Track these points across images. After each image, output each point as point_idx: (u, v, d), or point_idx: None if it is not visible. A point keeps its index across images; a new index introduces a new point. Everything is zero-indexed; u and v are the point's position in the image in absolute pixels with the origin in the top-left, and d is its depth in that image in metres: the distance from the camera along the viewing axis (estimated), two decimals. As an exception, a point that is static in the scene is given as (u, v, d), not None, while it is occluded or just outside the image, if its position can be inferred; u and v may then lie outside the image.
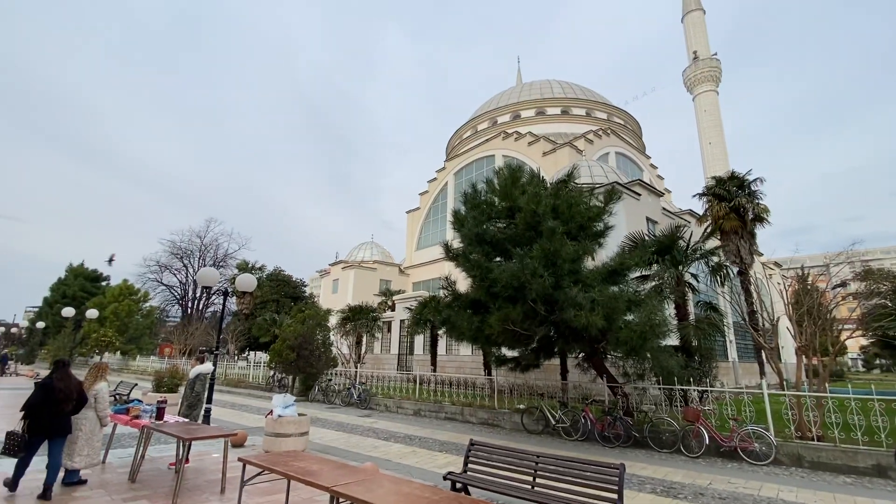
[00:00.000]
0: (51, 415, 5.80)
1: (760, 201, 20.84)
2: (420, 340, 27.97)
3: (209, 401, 9.59)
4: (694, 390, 11.36)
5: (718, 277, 15.31)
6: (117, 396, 13.53)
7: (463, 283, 13.62)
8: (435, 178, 43.48)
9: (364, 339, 27.08)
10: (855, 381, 30.90)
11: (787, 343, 24.17)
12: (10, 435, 5.77)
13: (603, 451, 9.96)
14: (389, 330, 31.53)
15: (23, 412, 5.82)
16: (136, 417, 7.07)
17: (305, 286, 56.88)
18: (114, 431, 8.22)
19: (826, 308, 11.32)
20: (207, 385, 8.75)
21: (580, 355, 13.01)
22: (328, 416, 14.64)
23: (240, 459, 4.79)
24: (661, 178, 42.93)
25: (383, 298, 36.39)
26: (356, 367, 22.50)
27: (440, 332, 21.02)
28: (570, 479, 5.19)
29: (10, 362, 36.08)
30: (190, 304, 54.92)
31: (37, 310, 49.35)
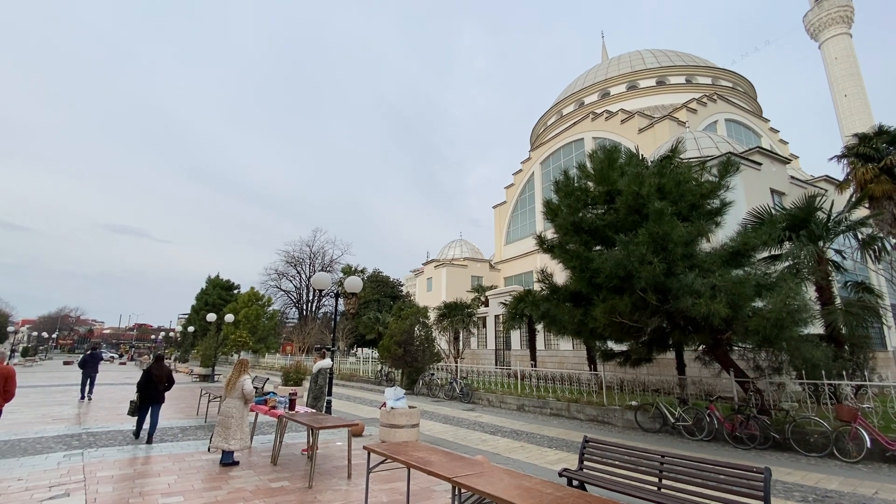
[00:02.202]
0: (151, 390, 9.06)
1: (924, 157, 17.11)
2: (516, 335, 27.71)
3: (329, 393, 10.49)
4: (847, 385, 9.71)
5: (871, 253, 12.86)
6: (256, 389, 15.38)
7: (559, 276, 13.18)
8: (520, 170, 42.70)
9: (461, 335, 27.59)
10: None
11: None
12: (131, 403, 9.19)
13: (735, 454, 8.95)
14: (484, 325, 31.71)
15: (136, 389, 9.10)
16: (274, 408, 7.98)
17: (402, 285, 59.67)
18: (256, 420, 9.40)
19: None
20: (328, 378, 9.56)
21: (700, 348, 11.82)
22: (434, 409, 15.17)
23: (365, 448, 5.15)
24: (784, 142, 37.37)
25: (476, 294, 36.72)
26: (456, 362, 23.02)
27: (538, 326, 20.62)
28: (701, 482, 4.73)
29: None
30: (305, 307, 60.82)
31: (187, 316, 58.44)
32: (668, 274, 9.08)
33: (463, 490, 3.79)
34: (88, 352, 17.17)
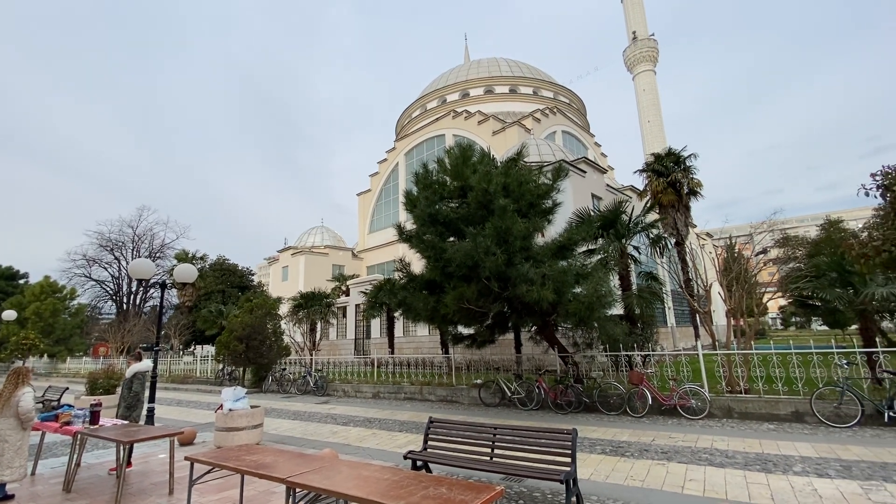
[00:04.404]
0: None
1: (694, 176, 22.22)
2: (377, 324, 27.77)
3: (151, 399, 9.04)
4: (637, 355, 12.12)
5: (658, 249, 16.25)
6: (45, 403, 12.45)
7: (417, 265, 13.57)
8: (385, 159, 42.63)
9: (318, 326, 26.53)
10: (775, 338, 34.35)
11: (719, 307, 26.28)
12: None
13: (556, 418, 10.43)
14: (345, 315, 31.03)
15: None
16: (67, 424, 6.51)
17: (253, 275, 54.55)
18: (42, 440, 7.56)
19: (751, 273, 12.35)
20: (147, 383, 8.21)
21: (533, 329, 13.44)
22: (284, 406, 14.30)
23: (187, 458, 4.54)
24: (604, 155, 44.52)
25: (337, 284, 35.68)
26: (311, 355, 22.03)
27: (396, 314, 20.96)
28: (526, 447, 5.38)
29: None
30: (125, 300, 51.16)
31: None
32: (509, 264, 10.07)
33: (298, 490, 3.61)
34: None
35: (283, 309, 26.21)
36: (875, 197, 3.83)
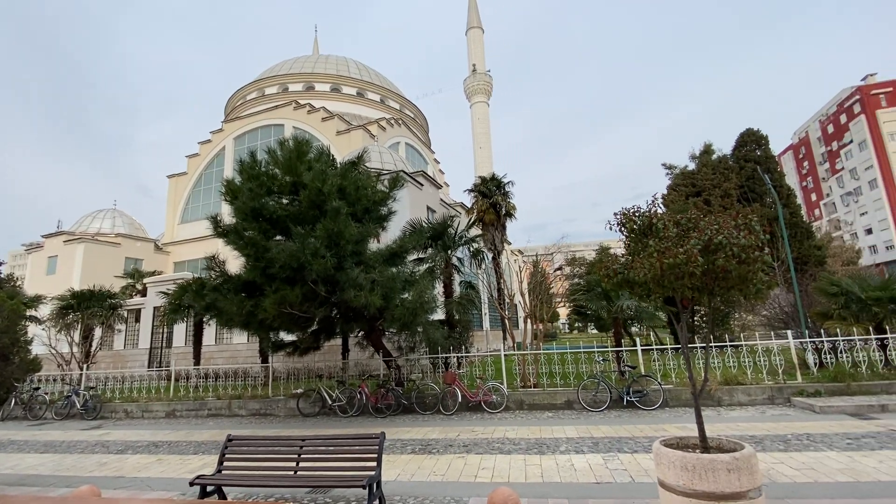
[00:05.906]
0: None
1: (511, 200, 25.56)
2: (181, 330, 23.89)
3: None
4: (454, 357, 13.17)
5: (477, 261, 18.10)
6: None
7: (235, 264, 12.22)
8: (209, 140, 37.46)
9: (97, 333, 21.50)
10: (562, 340, 41.59)
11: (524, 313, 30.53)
12: None
13: (375, 423, 10.54)
14: (138, 320, 25.83)
15: None
16: None
17: (1, 265, 41.18)
18: None
19: (547, 285, 14.73)
20: None
21: (360, 334, 13.39)
22: (32, 436, 11.10)
23: None
24: (442, 172, 47.66)
25: (130, 281, 29.66)
26: (82, 369, 17.68)
27: (206, 318, 18.42)
28: (335, 456, 5.28)
29: None
30: None
31: None
32: (339, 268, 9.85)
33: (18, 544, 2.80)
34: None
35: (45, 310, 20.52)
36: (616, 231, 5.11)
